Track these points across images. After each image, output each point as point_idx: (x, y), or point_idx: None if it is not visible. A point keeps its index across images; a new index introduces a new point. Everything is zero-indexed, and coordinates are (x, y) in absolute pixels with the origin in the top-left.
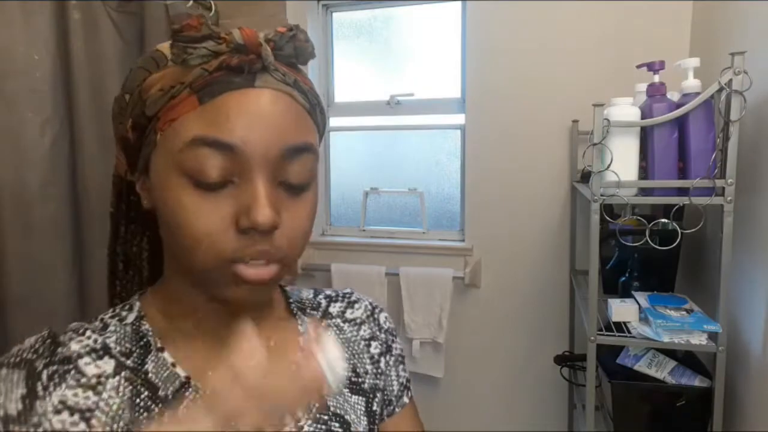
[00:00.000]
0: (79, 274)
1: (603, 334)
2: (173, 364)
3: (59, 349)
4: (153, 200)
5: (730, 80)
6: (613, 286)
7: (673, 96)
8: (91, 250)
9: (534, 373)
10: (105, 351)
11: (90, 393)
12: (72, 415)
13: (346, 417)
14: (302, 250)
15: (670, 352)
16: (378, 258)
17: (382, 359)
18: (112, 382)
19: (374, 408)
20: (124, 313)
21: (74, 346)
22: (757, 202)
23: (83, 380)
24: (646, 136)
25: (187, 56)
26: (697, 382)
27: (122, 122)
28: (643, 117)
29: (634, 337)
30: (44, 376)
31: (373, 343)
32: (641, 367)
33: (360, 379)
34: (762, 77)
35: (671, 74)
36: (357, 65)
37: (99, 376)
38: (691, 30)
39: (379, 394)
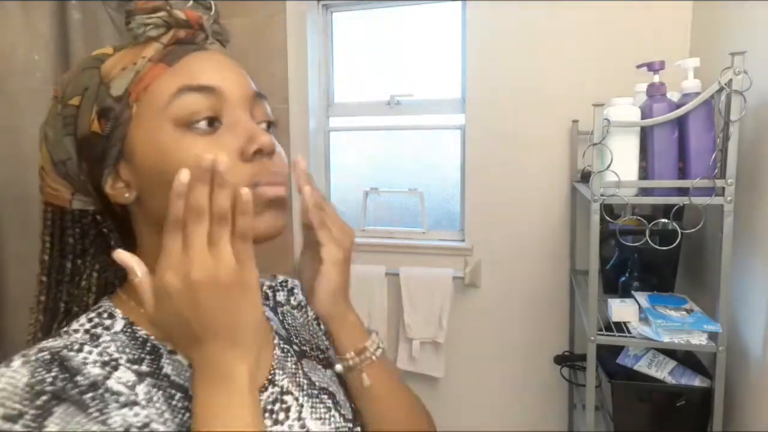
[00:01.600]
0: None
1: (603, 334)
2: (189, 365)
3: (77, 378)
4: (143, 176)
5: (730, 80)
6: (613, 286)
7: (673, 96)
8: None
9: (534, 373)
10: (114, 362)
11: (137, 408)
12: (140, 430)
13: (330, 389)
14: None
15: (670, 352)
16: (378, 258)
17: None
18: (142, 391)
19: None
20: (106, 322)
21: (93, 370)
22: (757, 202)
23: (122, 399)
24: (646, 136)
25: (146, 28)
26: (697, 382)
27: (70, 131)
28: (643, 117)
29: (634, 337)
30: (91, 403)
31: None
32: (641, 367)
33: (325, 354)
34: (762, 77)
35: (671, 74)
36: (357, 65)
37: (130, 389)
38: (691, 30)
39: None
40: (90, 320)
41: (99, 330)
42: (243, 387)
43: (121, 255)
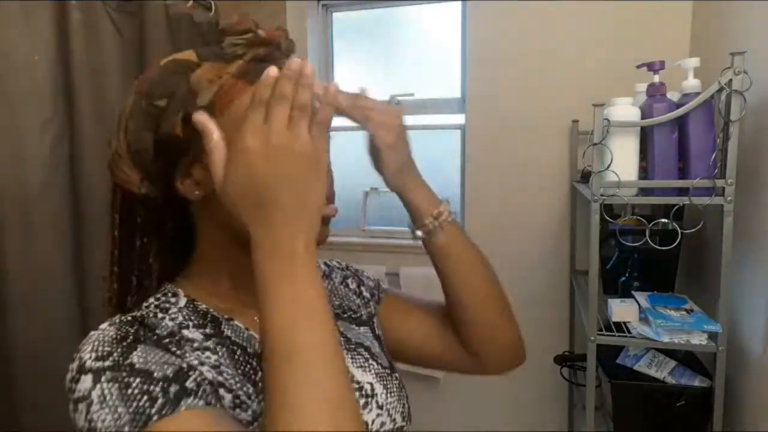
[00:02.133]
0: (79, 274)
1: (603, 334)
2: (246, 329)
3: (156, 331)
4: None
5: (730, 80)
6: (613, 286)
7: (673, 96)
8: (91, 250)
9: (534, 373)
10: (185, 324)
11: (208, 353)
12: (212, 369)
13: (365, 344)
14: None
15: (670, 352)
16: (378, 258)
17: (362, 288)
18: (209, 345)
19: (377, 332)
20: (171, 299)
21: (168, 322)
22: (757, 202)
23: (195, 344)
24: (646, 136)
25: (235, 48)
26: (697, 382)
27: (152, 128)
28: (643, 117)
29: (634, 337)
30: (170, 345)
31: (347, 281)
32: (641, 367)
33: (357, 314)
34: (762, 77)
35: (671, 74)
36: (357, 65)
37: (201, 341)
38: (691, 30)
39: (375, 319)
40: (157, 299)
41: (167, 305)
42: (305, 260)
43: (201, 117)
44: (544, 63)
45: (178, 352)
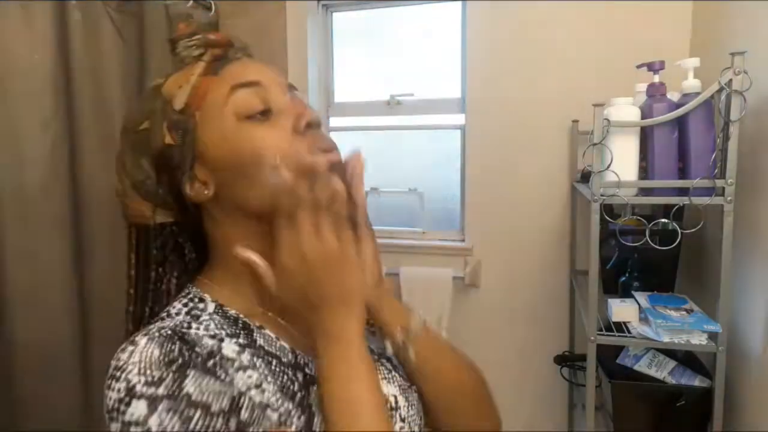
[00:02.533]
0: (80, 273)
1: (603, 334)
2: (277, 338)
3: (197, 348)
4: (219, 169)
5: (730, 80)
6: (613, 286)
7: (673, 96)
8: (91, 250)
9: (534, 373)
10: (219, 336)
11: (249, 371)
12: (256, 389)
13: (387, 354)
14: None
15: (670, 352)
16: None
17: None
18: (246, 358)
19: None
20: (200, 305)
21: (208, 341)
22: (757, 202)
23: (236, 364)
24: (646, 136)
25: (190, 50)
26: (697, 382)
27: (146, 152)
28: (643, 117)
29: (634, 337)
30: (216, 369)
31: None
32: (641, 367)
33: (373, 326)
34: (762, 77)
35: (671, 74)
36: (357, 65)
37: (240, 358)
38: (691, 30)
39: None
40: (185, 305)
41: (197, 312)
42: (354, 340)
43: (242, 252)
44: (544, 63)
45: (227, 379)
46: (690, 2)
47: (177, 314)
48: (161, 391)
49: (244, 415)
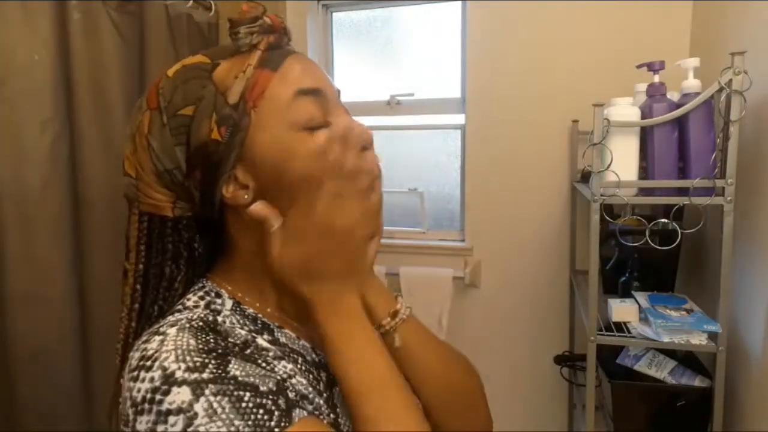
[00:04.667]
0: (79, 274)
1: (603, 334)
2: (297, 338)
3: (230, 339)
4: (264, 175)
5: (730, 80)
6: (613, 286)
7: (673, 96)
8: (91, 250)
9: (534, 373)
10: (247, 328)
11: (283, 362)
12: (293, 378)
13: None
14: None
15: (670, 352)
16: (378, 258)
17: None
18: (279, 353)
19: None
20: (218, 300)
21: (240, 330)
22: (757, 202)
23: (271, 354)
24: (646, 136)
25: (252, 38)
26: (697, 382)
27: (182, 141)
28: (643, 117)
29: (634, 337)
30: (254, 357)
31: None
32: (641, 367)
33: None
34: (762, 77)
35: (671, 74)
36: (357, 65)
37: (273, 350)
38: (691, 30)
39: None
40: (202, 298)
41: (217, 306)
42: (362, 317)
43: (260, 207)
44: (544, 63)
45: (268, 366)
46: (690, 2)
47: (195, 307)
48: (206, 375)
49: (292, 395)
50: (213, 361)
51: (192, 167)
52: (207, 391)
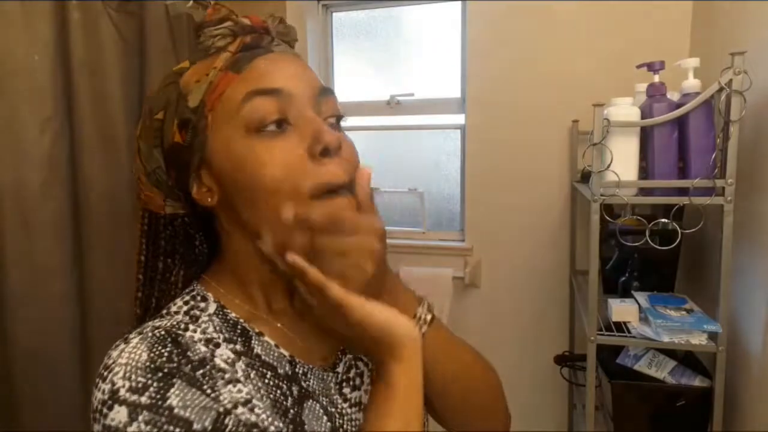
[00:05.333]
0: (79, 274)
1: (603, 334)
2: (276, 346)
3: (188, 354)
4: (222, 181)
5: (730, 80)
6: (613, 286)
7: (673, 96)
8: (91, 250)
9: (534, 373)
10: (215, 341)
11: (239, 385)
12: (244, 406)
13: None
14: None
15: (670, 352)
16: None
17: None
18: (240, 368)
19: None
20: (201, 304)
21: (201, 347)
22: (757, 202)
23: (227, 376)
24: (646, 136)
25: (214, 40)
26: (697, 382)
27: (158, 143)
28: (643, 117)
29: (634, 337)
30: (203, 380)
31: None
32: (641, 367)
33: None
34: (762, 77)
35: (671, 74)
36: (357, 65)
37: (231, 366)
38: (691, 30)
39: None
40: (186, 303)
41: (196, 312)
42: (397, 385)
43: (295, 258)
44: (544, 63)
45: (213, 394)
46: (690, 2)
47: (176, 313)
48: (144, 400)
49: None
50: (155, 384)
51: (168, 168)
52: (140, 418)
